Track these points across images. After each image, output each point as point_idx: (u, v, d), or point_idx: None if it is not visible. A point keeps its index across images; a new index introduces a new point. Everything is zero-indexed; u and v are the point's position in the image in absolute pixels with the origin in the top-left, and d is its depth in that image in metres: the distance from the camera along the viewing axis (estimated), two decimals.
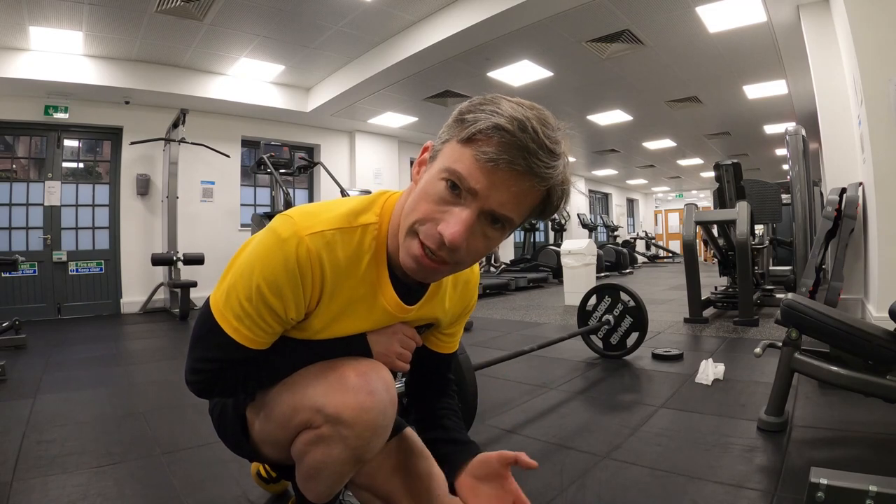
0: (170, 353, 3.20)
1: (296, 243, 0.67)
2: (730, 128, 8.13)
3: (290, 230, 0.68)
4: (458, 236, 0.62)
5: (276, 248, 0.68)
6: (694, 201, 5.10)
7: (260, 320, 0.70)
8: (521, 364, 2.50)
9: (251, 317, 0.70)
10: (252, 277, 0.68)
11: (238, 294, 0.70)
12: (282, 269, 0.67)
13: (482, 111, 0.62)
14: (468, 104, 0.65)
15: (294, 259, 0.67)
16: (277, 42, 4.87)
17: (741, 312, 3.51)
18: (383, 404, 0.73)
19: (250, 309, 0.69)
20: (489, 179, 0.61)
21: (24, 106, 4.95)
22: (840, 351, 1.46)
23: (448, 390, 1.00)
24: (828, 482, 0.89)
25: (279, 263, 0.67)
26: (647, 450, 1.43)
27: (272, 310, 0.69)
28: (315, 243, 0.68)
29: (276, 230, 0.69)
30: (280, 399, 0.77)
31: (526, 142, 0.59)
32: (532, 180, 0.62)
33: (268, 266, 0.68)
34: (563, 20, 4.17)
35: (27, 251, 5.03)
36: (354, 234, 0.72)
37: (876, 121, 2.68)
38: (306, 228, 0.68)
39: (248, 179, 6.80)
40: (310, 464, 0.76)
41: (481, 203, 0.63)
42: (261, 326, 0.71)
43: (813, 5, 3.75)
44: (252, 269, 0.69)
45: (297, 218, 0.70)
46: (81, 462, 1.42)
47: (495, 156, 0.60)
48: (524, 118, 0.60)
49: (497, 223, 0.65)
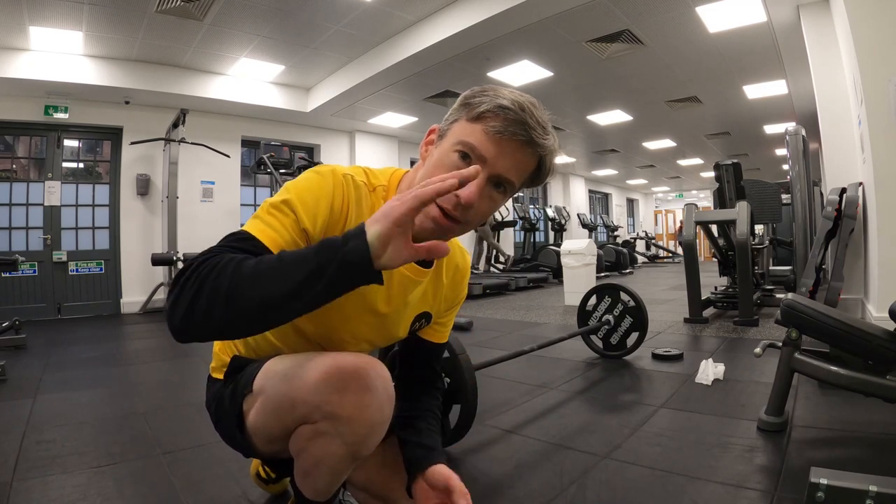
0: (170, 353, 3.19)
1: (331, 173, 0.78)
2: (730, 128, 8.13)
3: (326, 168, 0.79)
4: (472, 195, 0.70)
5: (314, 175, 0.78)
6: (694, 201, 5.09)
7: (277, 222, 0.73)
8: (521, 364, 2.50)
9: (277, 218, 0.73)
10: (287, 191, 0.76)
11: (269, 207, 0.75)
12: (317, 184, 0.76)
13: (486, 95, 0.74)
14: (471, 91, 0.77)
15: (331, 179, 0.77)
16: (277, 42, 4.87)
17: (741, 312, 3.51)
18: (381, 401, 0.74)
19: (277, 213, 0.73)
20: (497, 148, 0.72)
21: (24, 106, 4.95)
22: (840, 351, 1.46)
23: (435, 384, 1.02)
24: (828, 482, 0.89)
25: (315, 182, 0.76)
26: (647, 450, 1.43)
27: (296, 214, 0.73)
28: (346, 181, 0.79)
29: (315, 169, 0.79)
30: (278, 391, 0.77)
31: (525, 118, 0.72)
32: (532, 148, 0.73)
33: (302, 184, 0.76)
34: (563, 20, 4.17)
35: (27, 251, 5.03)
36: (371, 192, 0.82)
37: (876, 121, 2.68)
38: (341, 169, 0.80)
39: (248, 179, 6.80)
40: (308, 459, 0.77)
41: (490, 169, 0.72)
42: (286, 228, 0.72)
43: (813, 5, 3.75)
44: (288, 188, 0.76)
45: (332, 165, 0.81)
46: (81, 462, 1.42)
47: (502, 128, 0.71)
48: (521, 100, 0.73)
49: (500, 187, 0.75)
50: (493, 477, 1.30)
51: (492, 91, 0.74)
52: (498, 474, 1.31)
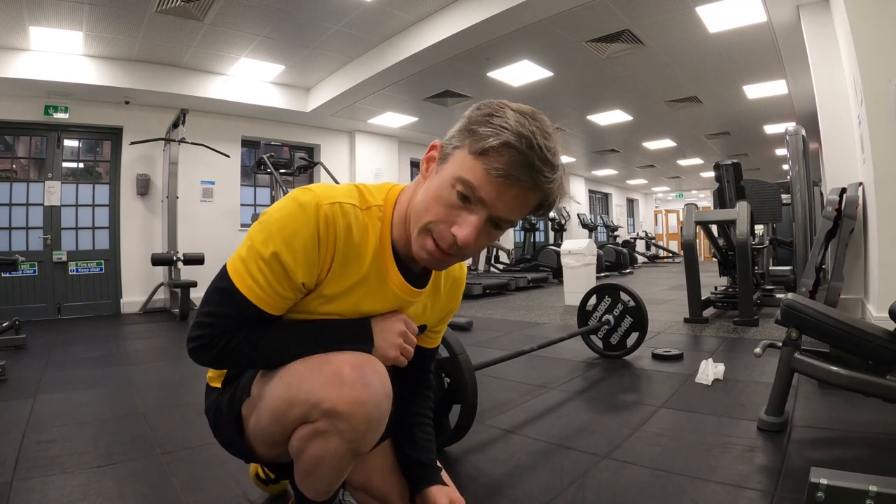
0: (170, 353, 3.19)
1: (315, 207, 0.72)
2: (730, 128, 8.13)
3: (310, 198, 0.73)
4: (469, 238, 0.71)
5: (297, 212, 0.72)
6: (694, 201, 5.10)
7: (275, 282, 0.73)
8: (521, 364, 2.50)
9: (266, 277, 0.73)
10: (269, 239, 0.72)
11: (255, 255, 0.73)
12: (301, 231, 0.72)
13: (491, 125, 0.68)
14: (478, 114, 0.71)
15: (314, 221, 0.72)
16: (277, 42, 4.87)
17: (741, 312, 3.51)
18: (378, 397, 0.74)
19: (266, 269, 0.72)
20: (498, 191, 0.69)
21: (24, 106, 4.95)
22: (840, 351, 1.46)
23: (426, 385, 1.04)
24: (828, 482, 0.89)
25: (299, 226, 0.72)
26: (647, 450, 1.43)
27: (287, 272, 0.72)
28: (333, 211, 0.74)
29: (297, 198, 0.74)
30: (276, 394, 0.77)
31: (532, 159, 0.67)
32: (535, 192, 0.70)
33: (286, 227, 0.72)
34: (563, 20, 4.17)
35: (27, 251, 5.03)
36: (365, 213, 0.78)
37: (876, 121, 2.68)
38: (326, 198, 0.74)
39: (248, 179, 6.79)
40: (308, 459, 0.77)
41: (489, 210, 0.71)
42: (275, 288, 0.73)
43: (813, 5, 3.75)
44: (270, 232, 0.72)
45: (317, 189, 0.76)
46: (81, 462, 1.42)
47: (505, 172, 0.67)
48: (530, 134, 0.66)
49: (499, 226, 0.74)
50: (493, 477, 1.30)
51: (499, 118, 0.67)
52: (498, 474, 1.31)
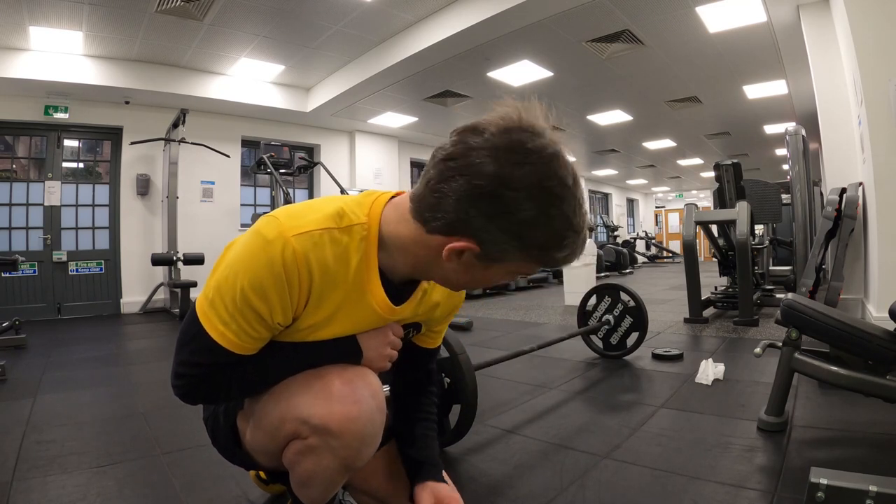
0: (170, 353, 3.15)
1: (281, 245, 0.65)
2: (730, 128, 8.13)
3: (275, 231, 0.65)
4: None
5: (261, 251, 0.65)
6: (694, 201, 5.09)
7: (246, 325, 0.68)
8: (521, 364, 2.50)
9: (237, 321, 0.67)
10: (237, 281, 0.66)
11: (223, 298, 0.67)
12: (267, 273, 0.65)
13: (565, 248, 0.64)
14: (550, 235, 0.63)
15: (280, 261, 0.65)
16: (277, 42, 4.87)
17: (741, 312, 3.50)
18: (370, 412, 0.73)
19: (235, 313, 0.67)
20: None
21: (24, 106, 4.95)
22: (840, 351, 1.46)
23: (429, 384, 1.02)
24: (828, 482, 0.89)
25: (264, 266, 0.65)
26: (647, 450, 1.43)
27: (258, 314, 0.67)
28: (302, 244, 0.65)
29: (261, 231, 0.66)
30: (267, 409, 0.76)
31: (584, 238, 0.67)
32: None
33: (252, 269, 0.65)
34: (563, 20, 4.17)
35: (27, 251, 5.03)
36: (343, 234, 0.69)
37: (876, 121, 2.68)
38: (292, 229, 0.66)
39: (248, 179, 6.80)
40: (301, 473, 0.76)
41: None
42: (246, 331, 0.68)
43: (813, 5, 3.75)
44: (236, 272, 0.66)
45: (283, 218, 0.67)
46: (81, 462, 1.42)
47: (566, 257, 0.66)
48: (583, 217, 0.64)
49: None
50: (493, 477, 1.30)
51: (566, 240, 0.63)
52: (498, 474, 1.31)
